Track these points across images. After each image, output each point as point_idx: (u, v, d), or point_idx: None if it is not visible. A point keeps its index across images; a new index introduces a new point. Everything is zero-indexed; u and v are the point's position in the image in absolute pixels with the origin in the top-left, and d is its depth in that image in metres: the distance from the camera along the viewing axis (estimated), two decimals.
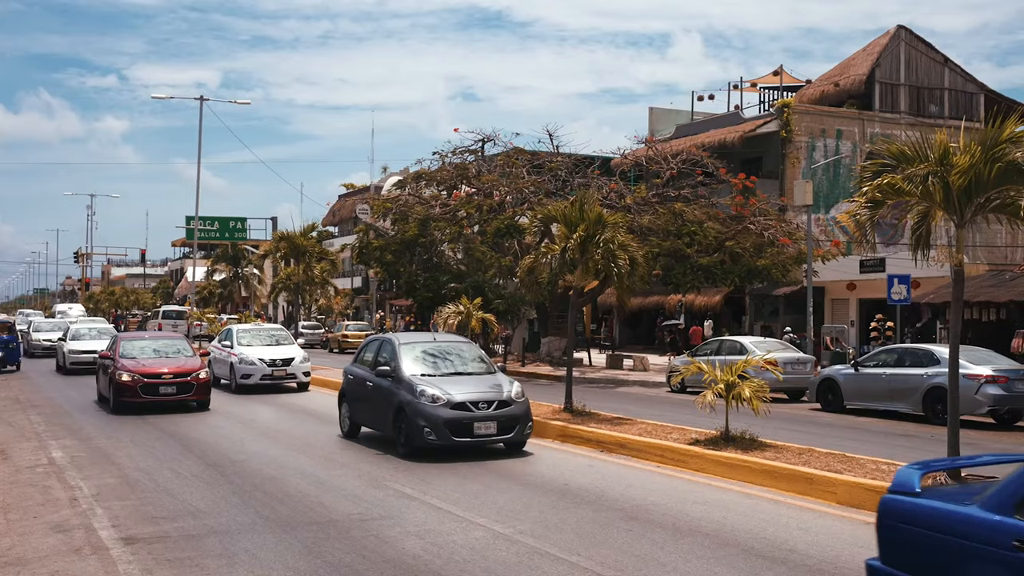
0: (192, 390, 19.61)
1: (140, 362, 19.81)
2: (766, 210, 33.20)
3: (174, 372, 19.50)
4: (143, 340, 21.76)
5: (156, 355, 20.50)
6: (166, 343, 21.68)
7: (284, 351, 24.92)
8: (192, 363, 20.10)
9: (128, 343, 20.95)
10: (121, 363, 19.57)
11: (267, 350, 24.69)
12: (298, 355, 24.93)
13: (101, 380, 21.24)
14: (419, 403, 13.30)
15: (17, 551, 8.60)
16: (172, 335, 25.00)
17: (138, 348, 20.77)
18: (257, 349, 24.73)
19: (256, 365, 24.09)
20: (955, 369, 10.69)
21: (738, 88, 49.36)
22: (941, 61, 44.13)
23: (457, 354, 14.95)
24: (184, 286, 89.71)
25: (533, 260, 23.68)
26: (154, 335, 24.36)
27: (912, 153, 10.16)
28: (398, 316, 58.91)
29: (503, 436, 13.46)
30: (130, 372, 19.24)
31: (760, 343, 24.96)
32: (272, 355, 24.42)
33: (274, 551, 8.54)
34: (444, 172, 38.79)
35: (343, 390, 16.18)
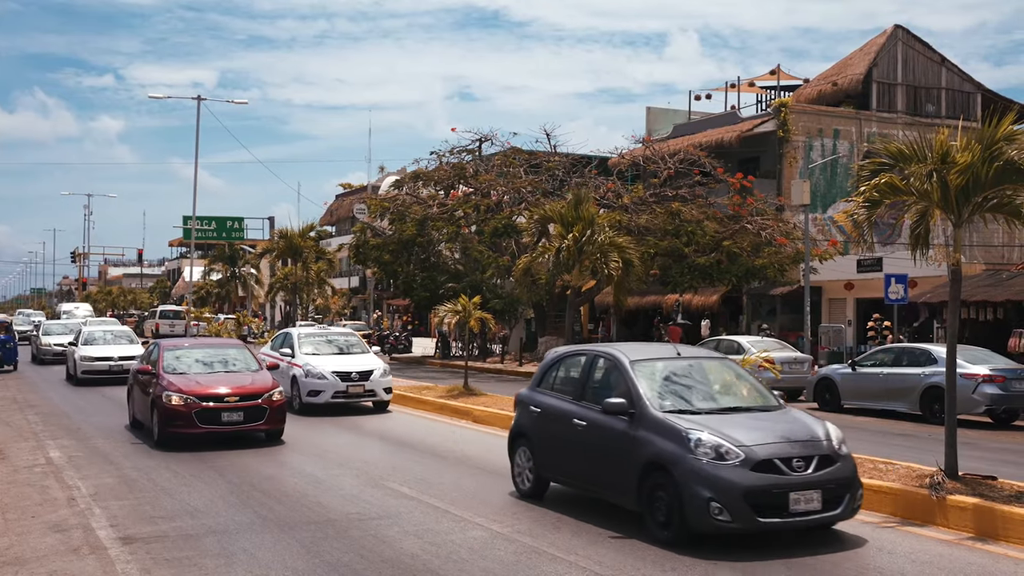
0: (263, 416, 14.82)
1: (192, 379, 15.15)
2: (763, 210, 33.23)
3: (240, 393, 14.79)
4: (193, 348, 16.81)
5: (210, 368, 15.83)
6: (221, 352, 16.75)
7: (359, 361, 20.18)
8: (261, 380, 15.45)
9: (174, 353, 16.14)
10: (168, 380, 14.93)
11: (337, 360, 20.03)
12: (377, 367, 20.08)
13: (137, 401, 16.41)
14: (695, 460, 8.44)
15: (15, 551, 8.60)
16: (228, 341, 20.13)
17: (187, 360, 15.98)
18: (325, 359, 20.03)
19: (327, 380, 19.28)
20: (952, 368, 10.70)
21: (735, 88, 49.36)
22: (938, 61, 44.16)
23: (719, 378, 10.10)
24: (181, 286, 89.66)
25: (529, 260, 23.79)
26: (204, 342, 19.75)
27: (910, 152, 10.17)
28: (395, 316, 58.92)
29: (829, 513, 8.56)
30: (182, 393, 14.51)
31: (757, 342, 24.96)
32: (345, 366, 19.69)
33: (272, 551, 8.54)
34: (441, 172, 38.81)
35: (520, 428, 11.02)
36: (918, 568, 8.09)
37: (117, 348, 27.18)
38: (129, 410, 17.24)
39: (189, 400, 14.49)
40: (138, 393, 16.28)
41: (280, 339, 22.34)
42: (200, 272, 73.85)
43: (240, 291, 73.69)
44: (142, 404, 15.95)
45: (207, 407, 14.52)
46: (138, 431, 16.27)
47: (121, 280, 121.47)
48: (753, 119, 42.45)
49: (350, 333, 22.85)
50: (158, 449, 14.30)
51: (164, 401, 14.51)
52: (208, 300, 74.36)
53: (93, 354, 26.65)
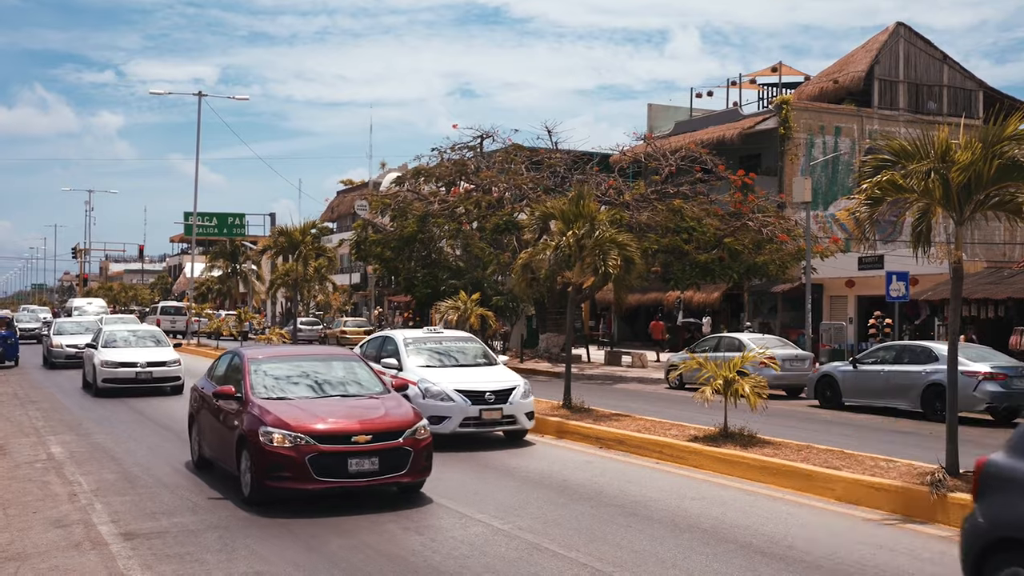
0: (406, 464, 10.21)
1: (299, 407, 10.50)
2: (765, 207, 33.21)
3: (373, 429, 10.17)
4: (289, 361, 12.02)
5: (318, 391, 11.27)
6: (328, 366, 12.03)
7: (491, 376, 15.10)
8: (398, 409, 10.80)
9: (264, 367, 11.45)
10: (263, 409, 10.39)
11: (461, 375, 15.03)
12: (517, 384, 14.95)
13: (208, 434, 11.93)
14: None
15: (17, 546, 8.61)
16: (333, 351, 14.86)
17: (285, 378, 11.39)
18: (444, 373, 15.04)
19: (454, 402, 14.29)
20: (954, 366, 10.70)
21: (736, 85, 49.35)
22: (940, 58, 44.13)
23: None
24: (182, 282, 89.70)
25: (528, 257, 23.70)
26: (302, 352, 13.81)
27: (913, 149, 10.16)
28: (396, 312, 58.95)
29: None
30: (289, 431, 9.94)
31: (758, 339, 24.97)
32: (475, 383, 14.69)
33: (273, 546, 8.54)
34: (443, 168, 38.79)
35: None
36: (919, 565, 8.10)
37: (144, 352, 23.29)
38: (193, 445, 12.62)
39: (300, 440, 9.84)
40: (210, 423, 11.77)
41: (376, 345, 16.83)
42: (201, 268, 73.86)
43: (241, 287, 73.71)
44: (218, 440, 11.39)
45: (327, 451, 9.83)
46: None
47: (122, 276, 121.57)
48: (754, 116, 42.45)
49: (468, 338, 17.22)
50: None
51: (262, 441, 9.89)
52: (209, 296, 74.34)
53: (116, 358, 22.52)
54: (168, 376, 22.89)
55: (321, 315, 62.44)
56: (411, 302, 48.08)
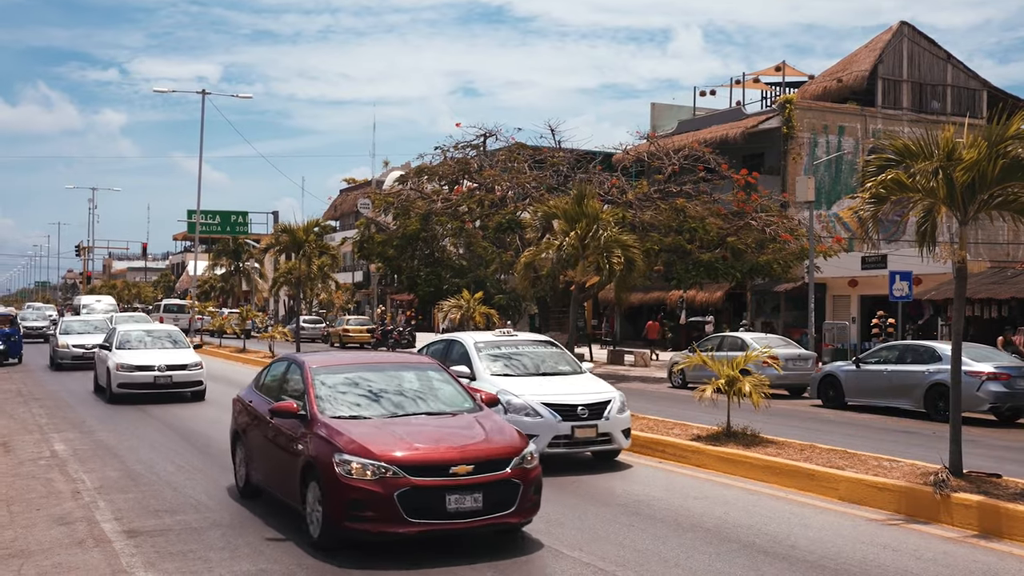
0: (515, 499, 8.32)
1: (379, 429, 8.62)
2: (768, 206, 33.20)
3: (474, 457, 8.26)
4: (359, 370, 9.97)
5: (397, 408, 9.26)
6: (401, 376, 9.93)
7: (579, 387, 12.91)
8: (498, 432, 8.81)
9: (331, 378, 9.56)
10: (335, 430, 8.54)
11: (545, 385, 12.82)
12: (611, 396, 12.76)
13: (260, 456, 10.02)
14: None
15: (20, 543, 8.61)
16: (407, 358, 11.68)
17: (357, 391, 9.49)
18: (524, 383, 12.82)
19: (541, 418, 12.10)
20: (958, 366, 10.68)
21: (740, 84, 49.32)
22: (944, 57, 44.08)
23: None
24: (185, 280, 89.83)
25: (531, 256, 23.75)
26: (369, 358, 11.65)
27: (917, 149, 10.15)
28: (398, 311, 58.97)
29: None
30: (372, 460, 8.06)
31: (761, 339, 24.96)
32: (563, 395, 12.53)
33: (276, 545, 8.54)
34: (446, 167, 38.78)
35: None
36: (922, 566, 8.09)
37: (162, 354, 21.34)
38: (238, 468, 10.68)
39: (387, 472, 7.94)
40: (263, 445, 9.88)
41: (439, 351, 14.31)
42: (204, 266, 73.92)
43: (244, 285, 73.79)
44: (274, 466, 9.52)
45: (421, 485, 7.95)
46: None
47: (125, 274, 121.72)
48: (758, 115, 42.43)
49: (546, 341, 14.82)
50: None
51: (338, 472, 8.01)
52: (212, 294, 74.43)
53: (132, 361, 20.57)
54: (189, 380, 20.75)
55: (324, 313, 62.46)
56: (414, 301, 48.12)
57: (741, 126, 40.63)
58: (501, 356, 13.68)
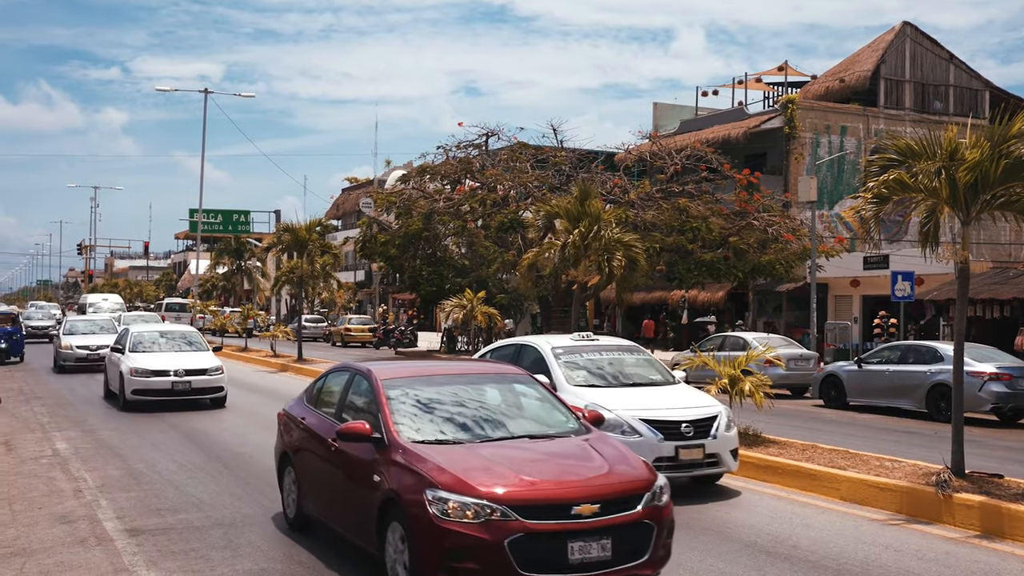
0: (647, 545, 6.84)
1: (477, 458, 7.02)
2: (770, 206, 33.20)
3: (600, 494, 6.75)
4: (438, 384, 8.28)
5: (491, 430, 7.67)
6: (482, 390, 8.32)
7: (680, 400, 11.27)
8: (622, 463, 7.21)
9: (406, 393, 7.96)
10: (421, 458, 7.00)
11: (641, 398, 11.13)
12: (719, 412, 11.04)
13: (319, 483, 8.49)
14: None
15: (22, 542, 8.62)
16: (485, 367, 9.55)
17: (438, 409, 7.87)
18: (617, 396, 11.06)
19: (642, 437, 10.39)
20: (959, 366, 10.68)
21: (742, 84, 49.31)
22: (946, 58, 44.06)
23: None
24: (187, 279, 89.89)
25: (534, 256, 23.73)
26: (447, 369, 9.30)
27: (920, 149, 10.14)
28: (400, 310, 58.97)
29: None
30: (474, 496, 6.51)
31: (763, 339, 24.95)
32: (665, 411, 10.81)
33: (278, 543, 8.55)
34: (448, 166, 38.80)
35: None
36: (924, 566, 8.08)
37: (179, 357, 19.70)
38: (288, 496, 9.19)
39: (493, 513, 6.45)
40: (322, 471, 8.36)
41: (510, 356, 12.31)
42: (206, 265, 73.95)
43: (246, 284, 73.84)
44: (339, 498, 8.00)
45: (537, 530, 6.47)
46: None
47: (127, 273, 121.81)
48: (760, 115, 42.43)
49: (632, 347, 13.09)
50: None
51: (432, 513, 6.52)
52: (214, 293, 74.47)
53: (148, 365, 18.94)
54: (209, 386, 19.17)
55: (326, 312, 62.51)
56: (415, 300, 48.15)
57: (743, 126, 40.62)
58: (583, 364, 11.96)
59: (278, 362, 31.49)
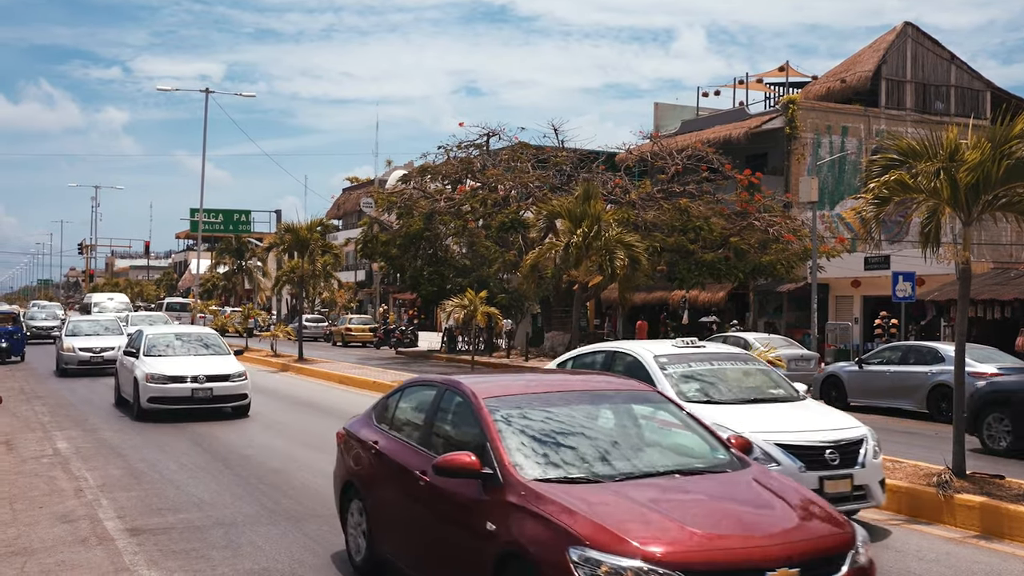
0: None
1: (624, 502, 5.46)
2: (771, 206, 33.22)
3: (798, 552, 5.18)
4: (548, 405, 6.61)
5: (625, 464, 6.05)
6: (602, 407, 6.80)
7: (816, 421, 9.61)
8: (808, 509, 5.67)
9: (511, 413, 6.37)
10: (552, 502, 5.43)
11: (769, 417, 9.45)
12: (864, 434, 9.35)
13: (405, 524, 6.93)
14: None
15: (23, 541, 8.63)
16: (602, 381, 7.65)
17: (552, 430, 6.33)
18: (740, 416, 9.26)
19: (781, 467, 8.45)
20: (961, 367, 10.67)
21: (743, 84, 49.31)
22: (947, 58, 44.05)
23: None
24: (188, 278, 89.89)
25: (536, 256, 23.77)
26: (555, 383, 7.29)
27: (921, 149, 10.14)
28: (401, 310, 58.97)
29: None
30: (629, 557, 4.96)
31: (763, 339, 24.94)
32: (802, 433, 9.12)
33: (279, 543, 8.55)
34: (449, 166, 38.85)
35: None
36: (925, 566, 8.08)
37: (198, 362, 18.06)
38: (354, 535, 7.69)
39: None
40: (404, 509, 6.94)
41: (601, 365, 10.92)
42: (207, 265, 73.98)
43: (246, 284, 73.86)
44: (435, 547, 6.55)
45: None
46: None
47: (128, 272, 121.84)
48: (761, 116, 42.41)
49: (744, 355, 11.44)
50: None
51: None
52: (214, 293, 74.50)
53: (165, 370, 17.35)
54: (232, 394, 17.59)
55: (326, 312, 62.53)
56: (416, 300, 48.16)
57: (744, 126, 40.61)
58: (693, 375, 10.16)
59: (279, 362, 31.51)
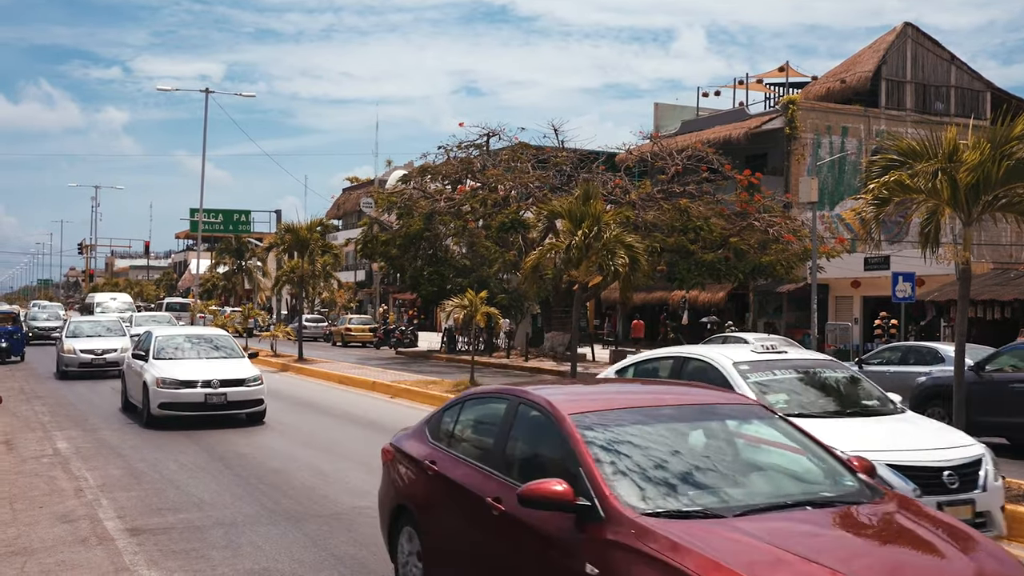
0: None
1: (759, 543, 4.41)
2: (771, 207, 33.22)
3: None
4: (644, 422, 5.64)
5: (747, 493, 5.11)
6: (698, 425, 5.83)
7: (920, 437, 8.53)
8: (999, 556, 4.70)
9: (603, 434, 5.40)
10: (673, 543, 4.44)
11: (866, 434, 8.26)
12: (982, 453, 8.33)
13: (470, 567, 6.00)
14: None
15: (23, 541, 8.62)
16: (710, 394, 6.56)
17: (654, 454, 5.34)
18: (838, 431, 7.85)
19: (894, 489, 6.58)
20: (961, 367, 10.68)
21: (743, 85, 49.33)
22: (947, 59, 44.06)
23: None
24: (188, 278, 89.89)
25: (537, 257, 23.75)
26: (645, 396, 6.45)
27: (921, 149, 10.15)
28: (400, 310, 58.97)
29: None
30: None
31: (763, 340, 24.91)
32: (913, 453, 7.98)
33: (279, 543, 8.55)
34: (449, 166, 38.84)
35: None
36: None
37: (211, 365, 17.05)
38: (408, 565, 6.73)
39: None
40: (475, 543, 5.97)
41: (671, 372, 9.91)
42: (207, 265, 73.97)
43: (246, 284, 73.84)
44: None
45: None
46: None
47: (128, 272, 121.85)
48: (761, 116, 42.44)
49: (827, 361, 10.17)
50: None
51: None
52: (214, 293, 74.48)
53: (177, 375, 16.29)
54: (247, 399, 16.61)
55: (326, 312, 62.53)
56: (416, 300, 48.18)
57: (744, 127, 40.62)
58: (779, 385, 8.96)
59: (279, 362, 31.50)
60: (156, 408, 15.95)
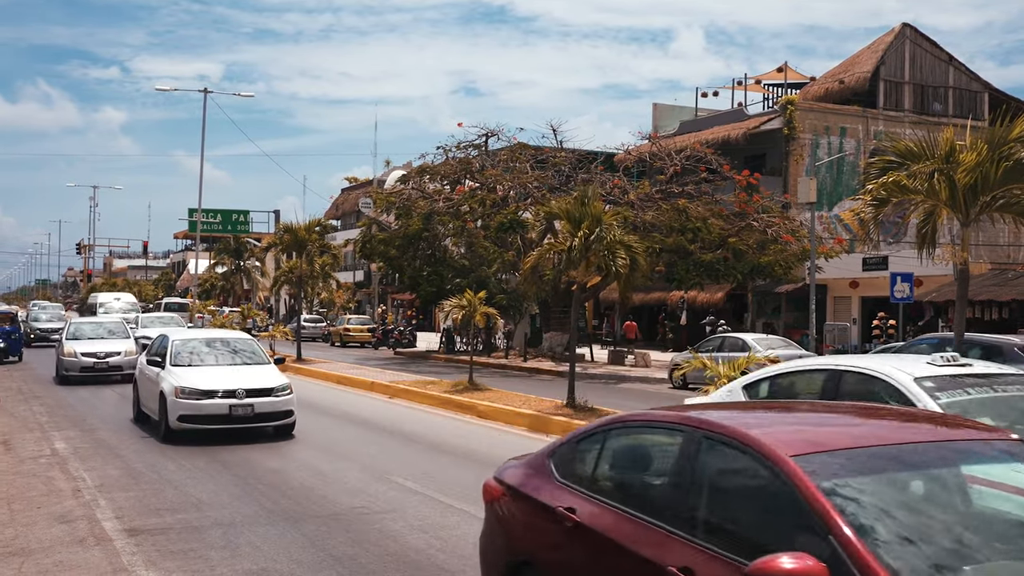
0: None
1: None
2: (769, 207, 33.22)
3: None
4: (892, 464, 4.18)
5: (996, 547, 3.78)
6: (982, 468, 4.35)
7: None
8: None
9: (853, 487, 3.92)
10: None
11: None
12: None
13: None
14: None
15: (21, 541, 8.61)
16: (974, 431, 4.76)
17: (910, 511, 3.93)
18: None
19: None
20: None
21: (742, 85, 49.36)
22: (946, 59, 44.09)
23: None
24: (186, 278, 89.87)
25: (537, 257, 23.78)
26: (903, 433, 4.62)
27: (919, 150, 10.16)
28: (399, 310, 58.98)
29: None
30: None
31: (762, 340, 24.94)
32: None
33: (277, 543, 8.55)
34: (448, 166, 38.84)
35: None
36: None
37: (235, 373, 15.37)
38: None
39: None
40: None
41: (823, 386, 7.88)
42: (205, 265, 73.95)
43: (245, 284, 73.85)
44: None
45: None
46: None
47: (126, 272, 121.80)
48: (760, 116, 42.46)
49: None
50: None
51: None
52: (212, 293, 74.47)
53: (198, 384, 14.65)
54: (276, 411, 14.91)
55: (324, 312, 62.52)
56: (415, 300, 48.15)
57: (743, 127, 40.64)
58: (978, 409, 6.84)
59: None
60: (175, 421, 14.35)
